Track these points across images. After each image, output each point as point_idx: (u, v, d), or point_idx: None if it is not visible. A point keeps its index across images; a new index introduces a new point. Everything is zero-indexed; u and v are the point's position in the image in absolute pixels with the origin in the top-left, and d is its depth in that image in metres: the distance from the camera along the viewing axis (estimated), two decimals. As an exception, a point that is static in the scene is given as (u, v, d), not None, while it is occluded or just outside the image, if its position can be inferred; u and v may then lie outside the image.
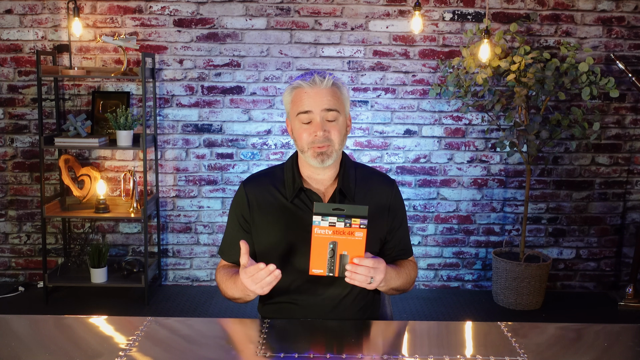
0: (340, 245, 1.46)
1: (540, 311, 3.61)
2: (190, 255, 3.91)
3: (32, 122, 3.75)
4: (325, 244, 1.46)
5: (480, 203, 3.88)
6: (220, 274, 1.71)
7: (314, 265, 1.48)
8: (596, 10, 3.71)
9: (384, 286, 1.61)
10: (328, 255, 1.47)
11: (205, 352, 1.43)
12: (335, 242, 1.46)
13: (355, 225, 1.46)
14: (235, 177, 3.83)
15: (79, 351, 1.39)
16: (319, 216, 1.45)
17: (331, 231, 1.46)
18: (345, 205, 1.46)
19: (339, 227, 1.46)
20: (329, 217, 1.45)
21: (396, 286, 1.67)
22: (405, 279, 1.70)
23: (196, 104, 3.76)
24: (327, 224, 1.46)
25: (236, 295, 1.64)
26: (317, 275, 1.49)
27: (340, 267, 1.47)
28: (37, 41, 3.68)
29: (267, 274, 1.46)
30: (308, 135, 1.62)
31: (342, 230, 1.46)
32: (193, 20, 3.68)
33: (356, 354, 1.39)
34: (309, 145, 1.62)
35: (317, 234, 1.46)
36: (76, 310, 3.46)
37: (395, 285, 1.66)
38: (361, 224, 1.46)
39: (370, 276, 1.49)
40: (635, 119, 3.84)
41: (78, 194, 3.63)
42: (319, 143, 1.61)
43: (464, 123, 3.80)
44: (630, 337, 1.56)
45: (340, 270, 1.48)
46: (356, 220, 1.46)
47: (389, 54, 3.73)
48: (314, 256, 1.47)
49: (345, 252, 1.47)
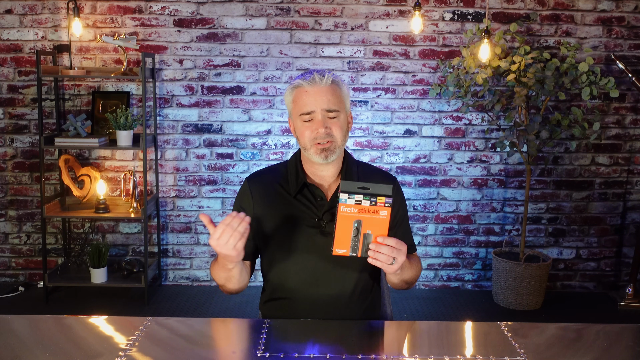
0: (364, 224, 1.44)
1: (540, 311, 3.62)
2: (190, 255, 3.91)
3: (32, 122, 3.75)
4: (351, 222, 1.44)
5: (480, 203, 3.88)
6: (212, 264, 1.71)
7: (338, 245, 1.46)
8: (596, 10, 3.71)
9: (399, 275, 1.59)
10: (352, 235, 1.45)
11: (205, 352, 1.43)
12: (360, 220, 1.44)
13: (380, 203, 1.44)
14: (236, 177, 3.83)
15: (79, 351, 1.39)
16: (345, 194, 1.43)
17: (357, 209, 1.44)
18: (370, 183, 1.45)
19: (365, 205, 1.44)
20: (355, 195, 1.43)
21: (408, 277, 1.66)
22: (415, 272, 1.70)
23: (196, 104, 3.76)
24: (354, 202, 1.44)
25: (221, 274, 1.61)
26: (340, 255, 1.46)
27: (363, 247, 1.46)
28: (37, 41, 3.68)
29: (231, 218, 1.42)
30: (310, 133, 1.64)
31: (367, 209, 1.44)
32: (193, 20, 3.68)
33: (356, 354, 1.39)
34: (311, 142, 1.64)
35: (343, 212, 1.44)
36: (76, 310, 3.46)
37: (407, 276, 1.65)
38: (386, 202, 1.44)
39: (393, 257, 1.47)
40: (635, 119, 3.84)
41: (78, 194, 3.63)
42: (322, 139, 1.62)
43: (464, 123, 3.80)
44: (630, 337, 1.56)
45: (363, 250, 1.46)
46: (381, 199, 1.44)
47: (389, 54, 3.73)
48: (338, 235, 1.45)
49: (369, 232, 1.45)
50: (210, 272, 1.74)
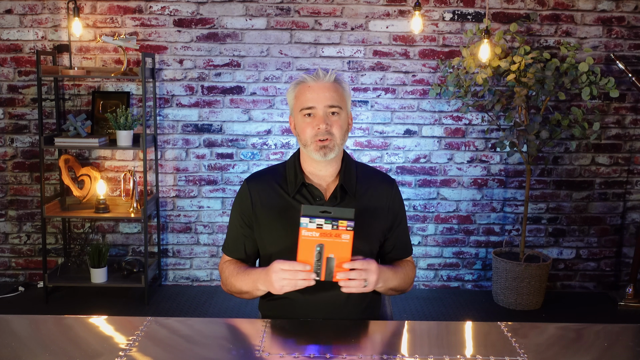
0: (327, 248, 1.47)
1: (540, 311, 3.61)
2: (190, 255, 3.91)
3: (32, 122, 3.75)
4: (313, 246, 1.47)
5: (480, 203, 3.88)
6: (228, 267, 1.73)
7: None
8: (596, 10, 3.71)
9: (382, 287, 1.63)
10: (315, 258, 1.48)
11: (205, 352, 1.43)
12: (322, 244, 1.47)
13: (342, 227, 1.47)
14: (235, 177, 3.83)
15: (79, 351, 1.39)
16: (306, 218, 1.46)
17: (318, 233, 1.47)
18: (332, 207, 1.49)
19: (326, 229, 1.47)
20: (317, 219, 1.46)
21: (394, 286, 1.68)
22: (402, 279, 1.71)
23: (196, 104, 3.76)
24: (315, 225, 1.47)
25: (244, 288, 1.66)
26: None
27: (327, 271, 1.48)
28: (37, 41, 3.68)
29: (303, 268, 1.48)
30: (311, 129, 1.65)
31: (329, 233, 1.47)
32: (193, 20, 3.68)
33: (356, 354, 1.39)
34: (312, 138, 1.65)
35: (304, 236, 1.47)
36: (76, 310, 3.46)
37: (393, 285, 1.67)
38: (348, 226, 1.47)
39: (364, 278, 1.51)
40: (635, 119, 3.84)
41: (78, 194, 3.63)
42: (321, 136, 1.63)
43: (464, 123, 3.80)
44: (630, 337, 1.56)
45: (326, 273, 1.48)
46: (343, 222, 1.47)
47: (389, 54, 3.73)
48: (300, 258, 1.48)
49: (331, 255, 1.48)
50: (224, 273, 1.74)
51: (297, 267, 1.48)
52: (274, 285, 1.52)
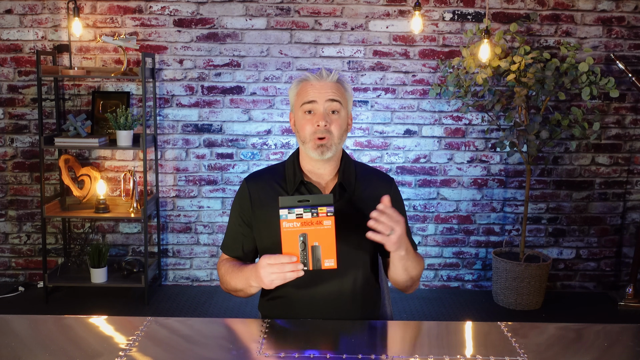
0: (310, 237, 1.45)
1: (540, 311, 3.62)
2: (190, 255, 3.91)
3: (32, 122, 3.75)
4: (295, 236, 1.45)
5: (480, 203, 3.88)
6: (224, 265, 1.73)
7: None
8: (596, 10, 3.71)
9: (404, 256, 1.58)
10: (300, 249, 1.45)
11: (205, 352, 1.43)
12: (305, 233, 1.45)
13: (322, 214, 1.44)
14: (235, 177, 3.83)
15: (79, 351, 1.39)
16: (285, 209, 1.45)
17: (299, 223, 1.45)
18: (310, 195, 1.47)
19: (307, 217, 1.45)
20: (295, 209, 1.45)
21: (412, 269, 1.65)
22: (419, 266, 1.70)
23: (196, 104, 3.76)
24: (294, 216, 1.45)
25: (239, 286, 1.65)
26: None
27: (313, 259, 1.46)
28: (37, 41, 3.68)
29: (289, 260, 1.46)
30: (310, 126, 1.65)
31: (310, 221, 1.45)
32: (193, 20, 3.68)
33: (356, 354, 1.39)
34: (310, 136, 1.65)
35: (285, 228, 1.45)
36: (76, 310, 3.46)
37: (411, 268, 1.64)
38: (328, 211, 1.44)
39: (391, 227, 1.47)
40: (635, 119, 3.84)
41: (78, 194, 3.63)
42: (320, 134, 1.63)
43: (464, 123, 3.80)
44: (630, 337, 1.56)
45: (313, 262, 1.46)
46: (322, 209, 1.45)
47: (389, 54, 3.73)
48: (285, 250, 1.46)
49: (316, 243, 1.46)
50: (220, 271, 1.75)
51: (283, 259, 1.46)
52: (264, 280, 1.50)
